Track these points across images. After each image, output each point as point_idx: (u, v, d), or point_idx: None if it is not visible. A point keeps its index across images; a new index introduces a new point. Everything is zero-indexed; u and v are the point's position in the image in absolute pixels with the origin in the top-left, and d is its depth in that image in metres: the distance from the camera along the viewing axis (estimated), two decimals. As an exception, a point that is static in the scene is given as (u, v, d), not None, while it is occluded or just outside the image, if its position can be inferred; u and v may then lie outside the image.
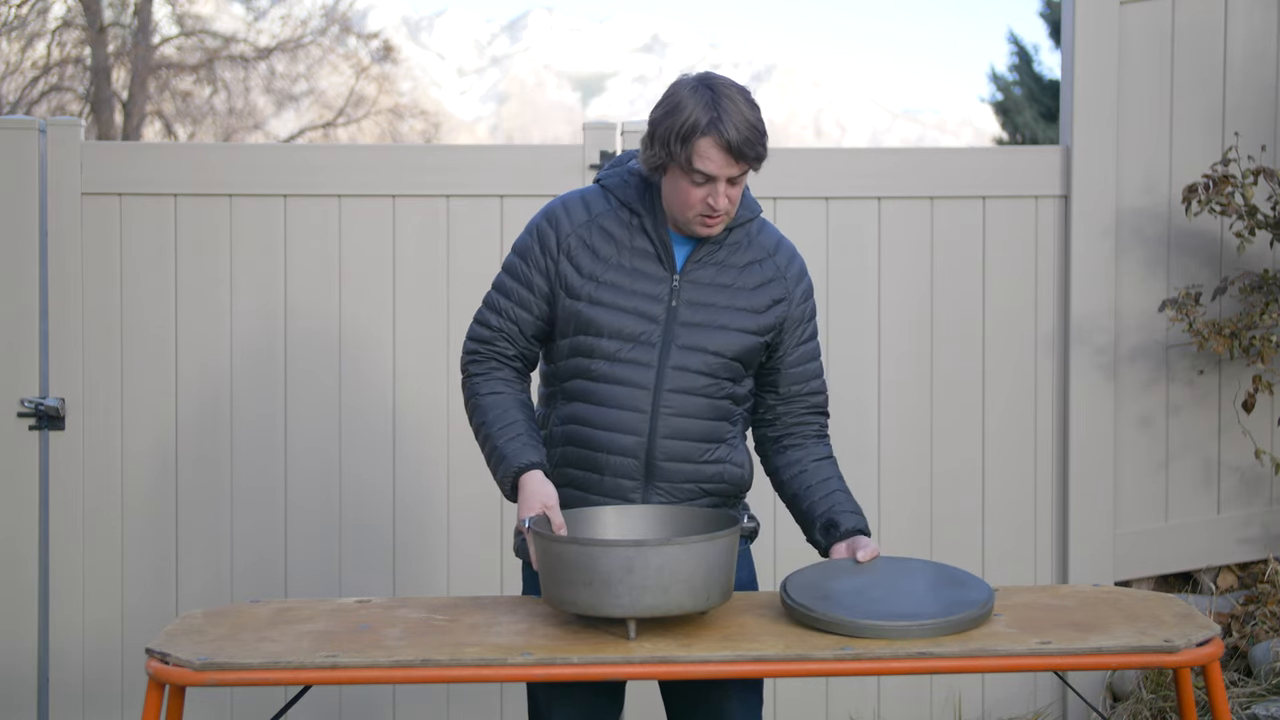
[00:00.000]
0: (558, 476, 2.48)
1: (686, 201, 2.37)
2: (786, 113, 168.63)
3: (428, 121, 22.53)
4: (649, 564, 2.13)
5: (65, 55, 18.01)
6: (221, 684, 2.10)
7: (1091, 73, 4.06)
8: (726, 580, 2.24)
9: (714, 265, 2.47)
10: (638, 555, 2.13)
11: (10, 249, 3.84)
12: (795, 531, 3.99)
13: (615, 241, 2.44)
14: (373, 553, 3.93)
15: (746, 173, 2.37)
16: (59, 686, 3.84)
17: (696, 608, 2.19)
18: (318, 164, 3.96)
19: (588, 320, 2.42)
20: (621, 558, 2.13)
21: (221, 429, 3.90)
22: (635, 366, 2.42)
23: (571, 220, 2.46)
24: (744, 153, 2.31)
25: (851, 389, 4.03)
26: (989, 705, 4.03)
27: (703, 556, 2.17)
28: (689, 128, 2.31)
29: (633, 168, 2.50)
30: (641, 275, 2.43)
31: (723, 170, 2.32)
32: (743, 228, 2.51)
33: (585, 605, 2.18)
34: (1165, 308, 3.91)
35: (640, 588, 2.14)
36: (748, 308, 2.47)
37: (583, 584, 2.16)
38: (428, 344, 3.93)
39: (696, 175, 2.33)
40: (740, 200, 2.45)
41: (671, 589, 2.15)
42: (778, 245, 2.55)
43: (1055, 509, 4.08)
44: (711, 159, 2.32)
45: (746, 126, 2.31)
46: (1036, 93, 13.95)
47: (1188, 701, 2.39)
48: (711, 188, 2.34)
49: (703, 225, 2.40)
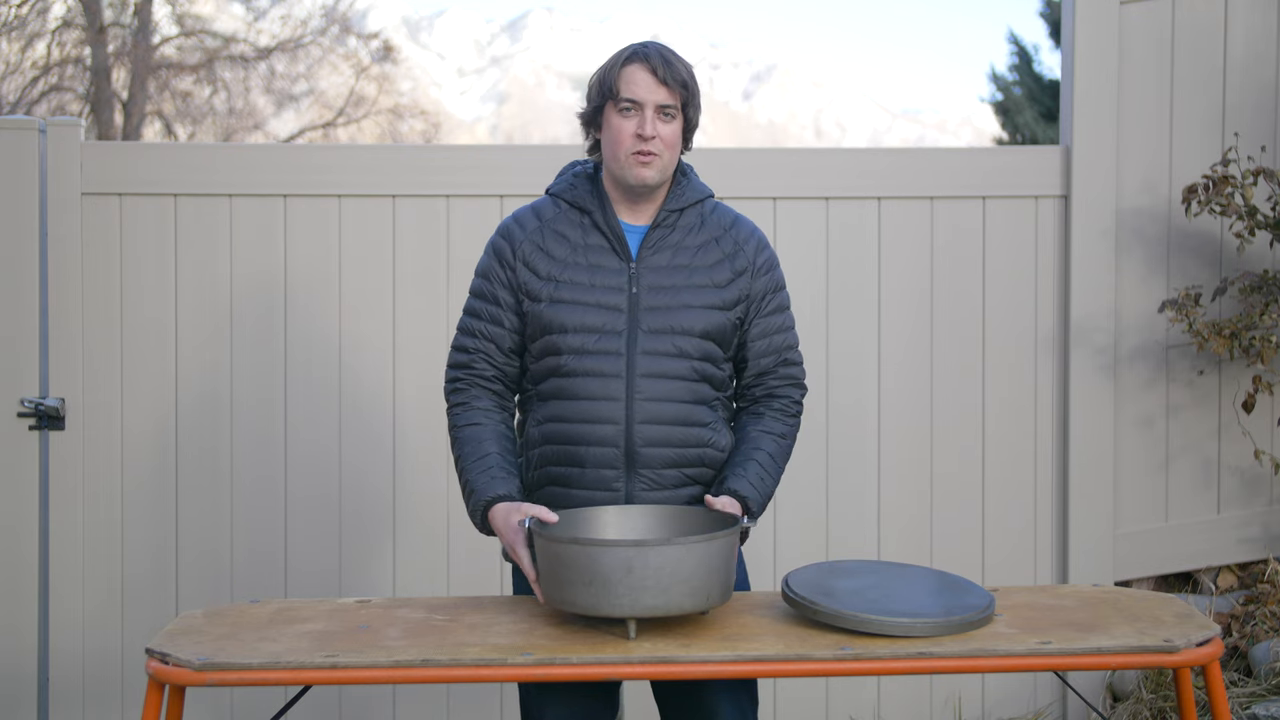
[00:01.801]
0: (540, 476, 2.51)
1: (619, 139, 2.45)
2: (786, 113, 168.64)
3: (428, 121, 22.52)
4: (649, 564, 2.13)
5: (65, 55, 18.00)
6: (221, 684, 2.10)
7: (1091, 73, 4.06)
8: (726, 580, 2.24)
9: (669, 248, 2.52)
10: (637, 555, 2.13)
11: (10, 249, 3.84)
12: (795, 532, 4.01)
13: (569, 242, 2.51)
14: (373, 553, 3.93)
15: (676, 111, 2.45)
16: (59, 686, 3.84)
17: (696, 608, 2.19)
18: (318, 164, 3.96)
19: (551, 319, 2.47)
20: (621, 558, 2.14)
21: (221, 428, 3.90)
22: (605, 357, 2.45)
23: (524, 230, 2.53)
24: (667, 76, 2.43)
25: (851, 388, 4.03)
26: (989, 705, 4.03)
27: (703, 557, 2.17)
28: (615, 60, 2.48)
29: (578, 171, 2.59)
30: (599, 269, 2.49)
31: (649, 95, 2.43)
32: (694, 209, 2.57)
33: (585, 605, 2.18)
34: (1165, 308, 3.91)
35: (640, 588, 2.14)
36: (709, 284, 2.51)
37: (583, 584, 2.16)
38: (428, 345, 3.93)
39: (625, 104, 2.44)
40: (689, 184, 2.55)
41: (671, 589, 2.15)
42: (734, 222, 2.60)
43: (1055, 509, 4.08)
44: (637, 81, 2.43)
45: (671, 57, 2.46)
46: (1036, 93, 13.94)
47: (1188, 701, 2.39)
48: (641, 116, 2.43)
49: (638, 163, 2.45)
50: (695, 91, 2.48)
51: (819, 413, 4.00)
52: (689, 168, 2.61)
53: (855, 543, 4.01)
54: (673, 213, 2.53)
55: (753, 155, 4.10)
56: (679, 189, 2.54)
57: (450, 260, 3.92)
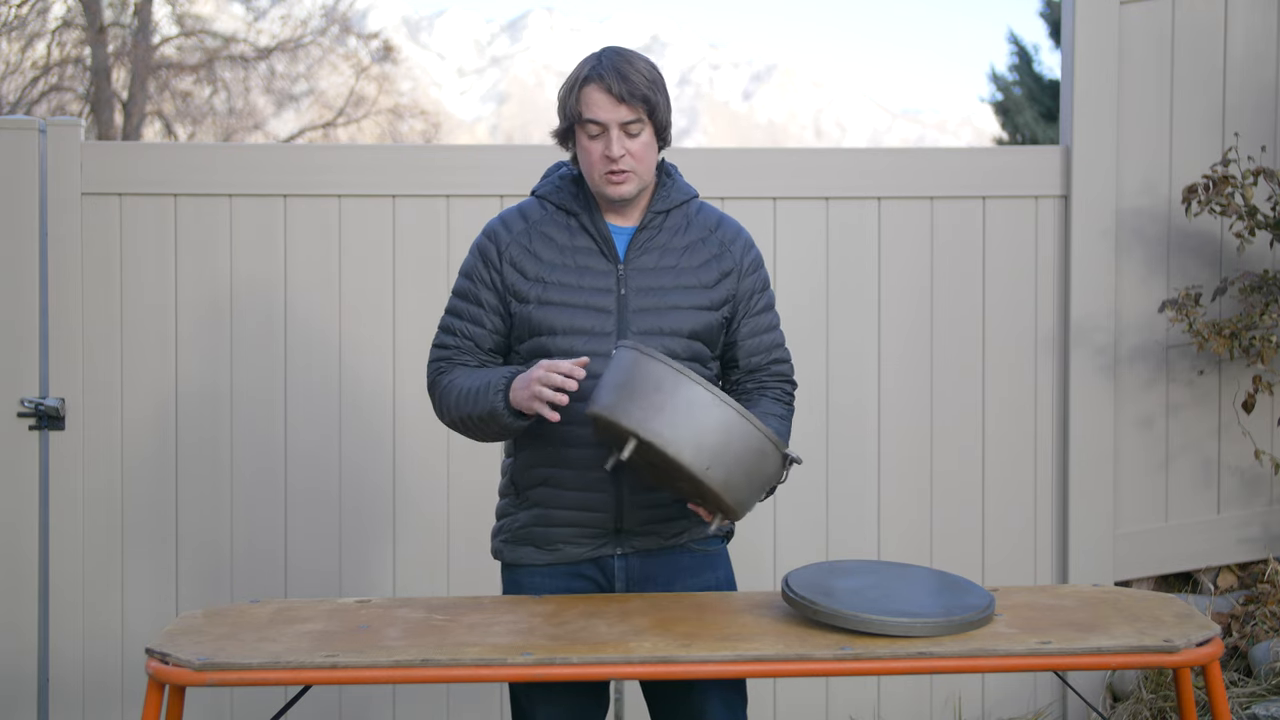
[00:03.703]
0: (531, 477, 2.51)
1: (591, 161, 2.45)
2: (786, 113, 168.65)
3: (427, 121, 22.51)
4: (679, 394, 2.16)
5: (65, 55, 18.00)
6: (221, 684, 2.10)
7: (1091, 73, 4.06)
8: (731, 470, 2.20)
9: (656, 250, 2.51)
10: (668, 376, 2.16)
11: (10, 249, 3.84)
12: (795, 532, 4.01)
13: (556, 244, 2.50)
14: (373, 552, 3.93)
15: (642, 123, 2.43)
16: (59, 686, 3.84)
17: (689, 464, 2.17)
18: (318, 164, 3.96)
19: (539, 321, 2.46)
20: (657, 371, 2.17)
21: (221, 429, 3.90)
22: (594, 359, 2.43)
23: (510, 231, 2.52)
24: (624, 93, 2.40)
25: (851, 388, 4.03)
26: (989, 705, 4.03)
27: (727, 422, 2.17)
28: (574, 82, 2.45)
29: (563, 173, 2.58)
30: (587, 271, 2.48)
31: (610, 115, 2.41)
32: (680, 210, 2.56)
33: (604, 404, 2.21)
34: (1165, 308, 3.91)
35: (654, 408, 2.16)
36: (696, 284, 2.51)
37: (616, 385, 2.21)
38: (428, 344, 3.90)
39: (590, 127, 2.43)
40: (673, 185, 2.54)
41: (681, 429, 2.16)
42: (719, 222, 2.59)
43: (1055, 509, 4.08)
44: (596, 103, 2.41)
45: (628, 69, 2.42)
46: (1036, 93, 13.93)
47: (1188, 701, 2.39)
48: (606, 137, 2.42)
49: (610, 183, 2.45)
50: (658, 98, 2.44)
51: (819, 413, 4.00)
52: (673, 167, 2.60)
53: (855, 543, 4.01)
54: (658, 214, 2.53)
55: (753, 155, 4.10)
56: (664, 190, 2.54)
57: (450, 260, 3.92)
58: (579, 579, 2.53)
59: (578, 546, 2.52)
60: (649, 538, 2.52)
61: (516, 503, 2.56)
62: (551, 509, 2.50)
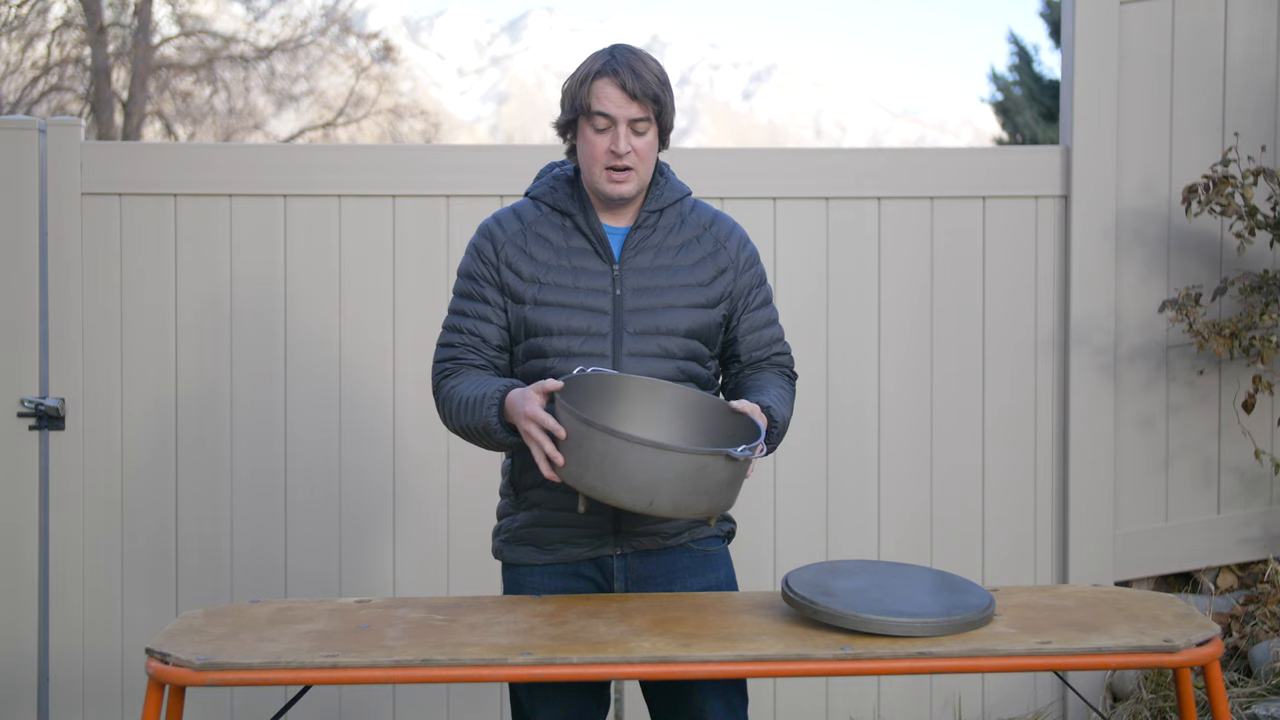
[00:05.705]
0: (530, 477, 2.51)
1: (593, 155, 2.44)
2: (786, 113, 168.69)
3: (428, 122, 22.52)
4: (594, 447, 2.18)
5: (65, 55, 18.00)
6: (221, 684, 2.10)
7: (1091, 73, 4.06)
8: (680, 493, 2.19)
9: (651, 249, 2.51)
10: (587, 434, 2.18)
11: (10, 249, 3.84)
12: (795, 532, 4.01)
13: (551, 245, 2.50)
14: (373, 552, 3.93)
15: (649, 122, 2.43)
16: (59, 686, 3.84)
17: (635, 506, 2.19)
18: (318, 164, 3.96)
19: (536, 323, 2.46)
20: (577, 431, 2.19)
21: (221, 428, 3.90)
22: (591, 360, 2.44)
23: (505, 231, 2.52)
24: (637, 90, 2.40)
25: (851, 388, 4.03)
26: (989, 705, 4.03)
27: (647, 461, 2.16)
28: (585, 74, 2.44)
29: (557, 174, 2.57)
30: (583, 271, 2.48)
31: (621, 110, 2.41)
32: (674, 208, 2.56)
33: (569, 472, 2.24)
34: (1165, 308, 3.91)
35: (584, 465, 2.19)
36: (692, 283, 2.51)
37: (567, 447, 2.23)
38: (428, 344, 3.91)
39: (598, 120, 2.42)
40: (667, 184, 2.54)
41: (610, 478, 2.18)
42: (714, 219, 2.59)
43: (1055, 509, 4.08)
44: (608, 97, 2.41)
45: (641, 68, 2.42)
46: (1036, 93, 13.93)
47: (1188, 701, 2.39)
48: (613, 132, 2.42)
49: (610, 181, 2.44)
50: (668, 99, 2.45)
51: (819, 413, 4.00)
52: (665, 166, 2.60)
53: (855, 543, 4.01)
54: (653, 214, 2.53)
55: (753, 155, 4.10)
56: (658, 190, 2.54)
57: (450, 260, 3.92)
58: (579, 579, 2.53)
59: (577, 546, 2.52)
60: (648, 538, 2.52)
61: (516, 503, 2.56)
62: (550, 509, 2.50)
